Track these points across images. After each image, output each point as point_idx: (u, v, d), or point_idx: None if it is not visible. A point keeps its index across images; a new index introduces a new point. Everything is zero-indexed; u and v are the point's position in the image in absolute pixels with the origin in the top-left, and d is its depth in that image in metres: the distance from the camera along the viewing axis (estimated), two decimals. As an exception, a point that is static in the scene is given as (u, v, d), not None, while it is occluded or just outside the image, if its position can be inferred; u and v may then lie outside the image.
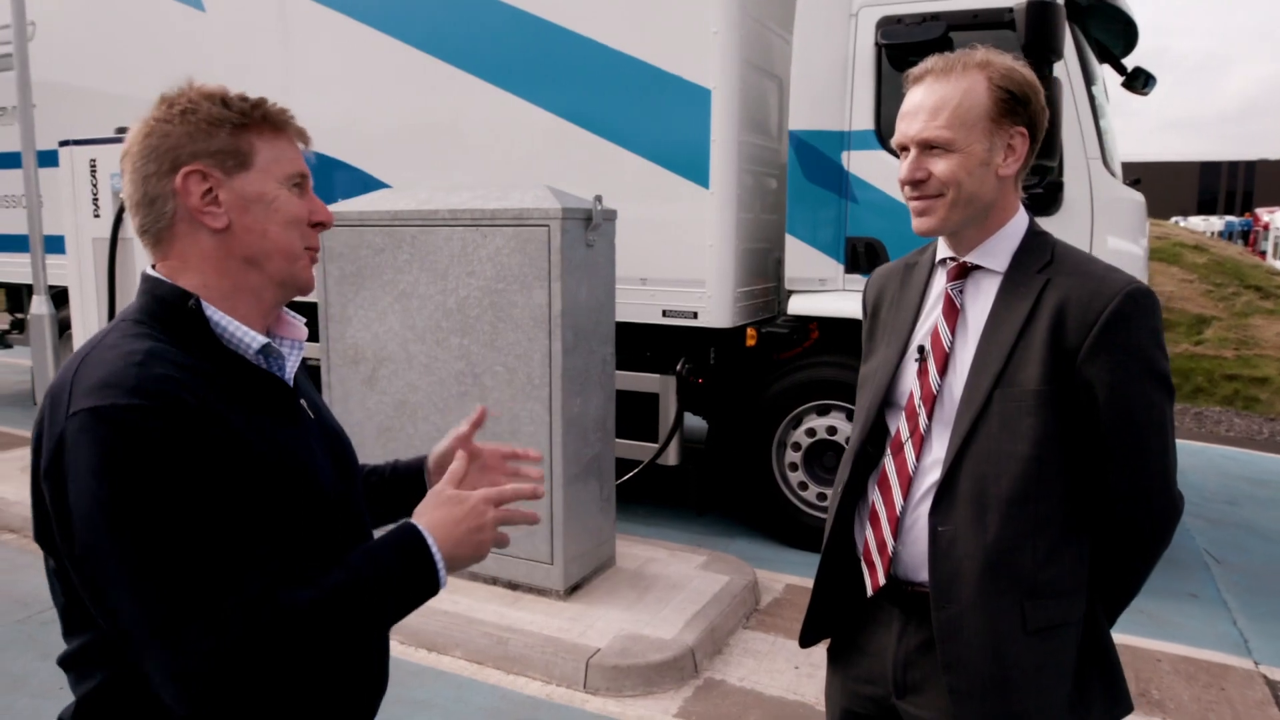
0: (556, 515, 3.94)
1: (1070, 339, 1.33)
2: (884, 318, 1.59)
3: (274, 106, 1.17)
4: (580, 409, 4.01)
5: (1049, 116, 1.47)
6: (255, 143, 1.14)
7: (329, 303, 4.40)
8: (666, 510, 5.61)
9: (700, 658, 3.59)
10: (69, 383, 1.03)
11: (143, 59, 6.37)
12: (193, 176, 1.10)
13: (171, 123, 1.11)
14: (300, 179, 1.18)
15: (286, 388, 1.19)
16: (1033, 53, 3.75)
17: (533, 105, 5.16)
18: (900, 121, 1.41)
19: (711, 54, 4.71)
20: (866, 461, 1.54)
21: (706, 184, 4.81)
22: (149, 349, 1.04)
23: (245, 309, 1.15)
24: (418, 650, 3.71)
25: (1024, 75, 1.39)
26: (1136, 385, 1.33)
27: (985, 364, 1.38)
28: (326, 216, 1.22)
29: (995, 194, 1.41)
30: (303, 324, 1.29)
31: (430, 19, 5.45)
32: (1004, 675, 1.37)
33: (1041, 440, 1.34)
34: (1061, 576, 1.39)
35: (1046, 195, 4.21)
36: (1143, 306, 1.33)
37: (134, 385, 0.98)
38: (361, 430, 4.38)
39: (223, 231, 1.12)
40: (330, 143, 5.92)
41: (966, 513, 1.37)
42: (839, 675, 1.62)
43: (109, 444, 0.96)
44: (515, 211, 3.87)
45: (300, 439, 1.17)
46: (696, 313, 4.93)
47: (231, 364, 1.12)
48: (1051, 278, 1.37)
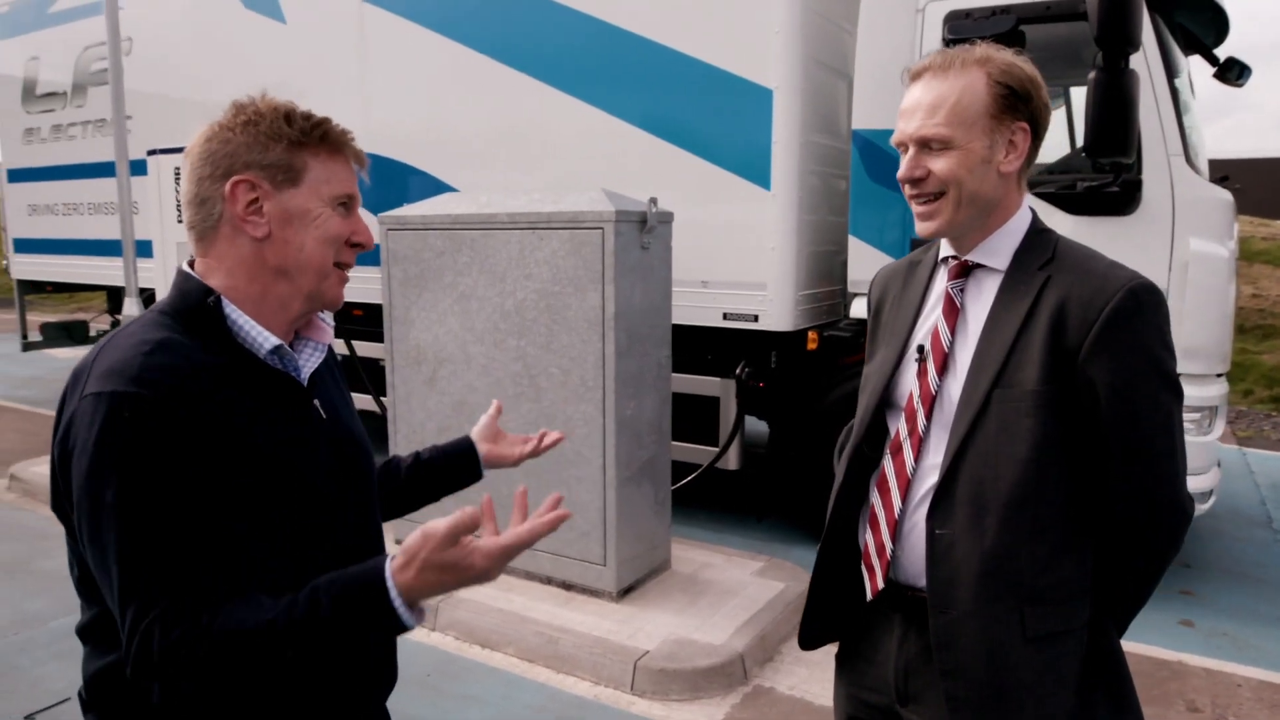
0: (609, 517, 3.94)
1: (1071, 338, 1.29)
2: (885, 318, 1.57)
3: (335, 128, 1.21)
4: (634, 412, 4.01)
5: (1127, 109, 1.43)
6: (309, 161, 1.18)
7: (393, 305, 4.51)
8: (728, 516, 5.56)
9: (750, 665, 3.55)
10: (89, 365, 1.12)
11: (229, 70, 6.66)
12: (241, 185, 1.16)
13: (234, 131, 1.17)
14: (347, 200, 1.22)
15: (299, 387, 1.22)
16: (1107, 44, 3.59)
17: (594, 108, 5.19)
18: (899, 119, 1.40)
19: (773, 53, 4.65)
20: (865, 463, 1.51)
21: (768, 186, 4.75)
22: (160, 340, 1.10)
23: (270, 314, 1.20)
24: (471, 646, 3.77)
25: (1025, 71, 1.36)
26: (1141, 385, 1.29)
27: (984, 364, 1.35)
28: (366, 239, 1.25)
29: (998, 191, 1.38)
30: (330, 327, 1.33)
31: (496, 25, 5.54)
32: (1002, 684, 1.34)
33: (1041, 443, 1.31)
34: (1063, 583, 1.35)
35: (1123, 194, 4.02)
36: (1146, 303, 1.29)
37: (136, 374, 1.05)
38: (422, 429, 4.48)
39: (262, 240, 1.17)
40: (404, 149, 6.08)
41: (964, 516, 1.34)
42: (844, 682, 1.60)
43: (107, 426, 1.04)
44: (570, 214, 3.90)
45: (304, 438, 1.20)
46: (757, 316, 4.87)
47: (245, 361, 1.17)
48: (1052, 275, 1.34)
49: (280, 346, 1.18)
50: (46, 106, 8.60)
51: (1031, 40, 4.17)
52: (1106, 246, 3.69)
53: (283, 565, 1.14)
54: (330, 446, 1.25)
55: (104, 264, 7.92)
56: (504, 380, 4.18)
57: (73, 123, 8.29)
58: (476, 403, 4.27)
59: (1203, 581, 4.59)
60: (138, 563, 1.04)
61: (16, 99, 8.91)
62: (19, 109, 8.90)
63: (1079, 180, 4.18)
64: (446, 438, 4.70)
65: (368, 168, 1.26)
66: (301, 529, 1.16)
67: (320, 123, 1.19)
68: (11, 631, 3.91)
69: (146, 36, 7.35)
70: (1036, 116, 1.37)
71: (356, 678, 1.26)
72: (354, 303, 6.24)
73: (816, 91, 4.84)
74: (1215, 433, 4.23)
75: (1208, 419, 4.16)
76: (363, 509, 1.31)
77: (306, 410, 1.23)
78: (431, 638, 3.83)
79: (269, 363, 1.18)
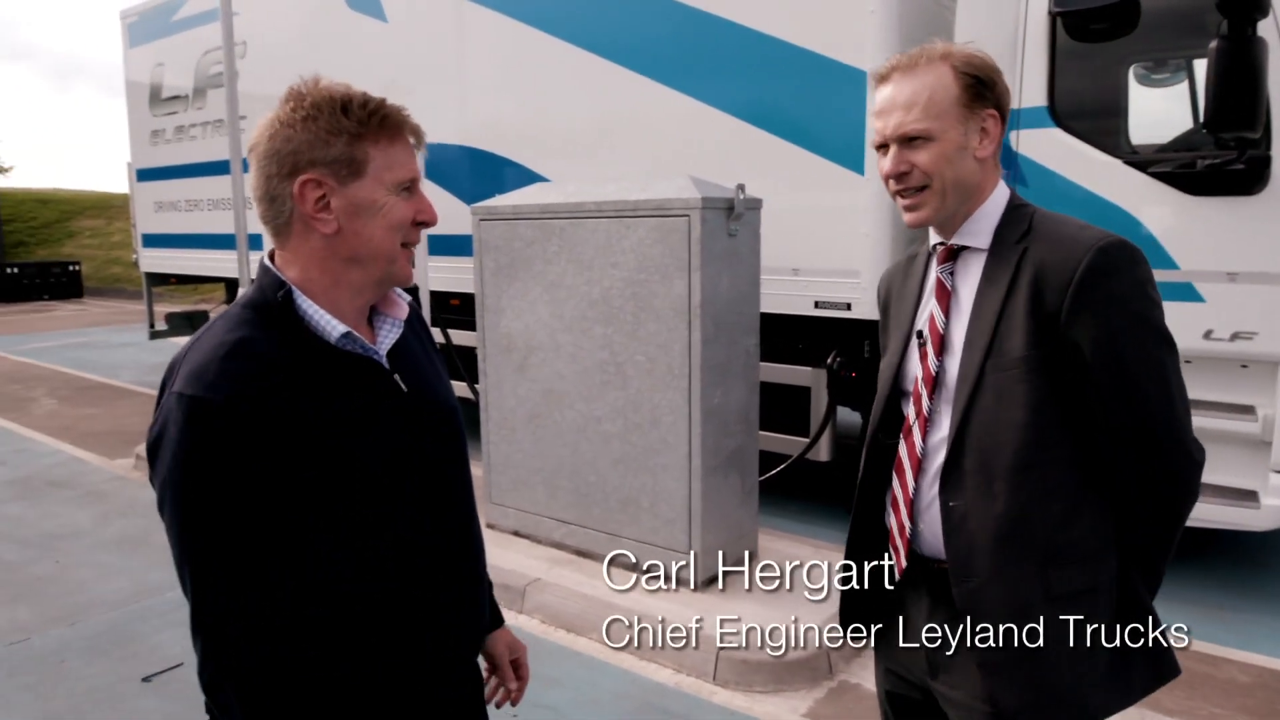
0: (695, 507, 3.93)
1: (1049, 302, 1.35)
2: (892, 311, 1.64)
3: (392, 109, 1.22)
4: (721, 400, 3.98)
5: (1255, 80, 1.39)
6: (370, 151, 1.20)
7: (485, 294, 4.60)
8: (818, 507, 5.46)
9: (835, 659, 3.48)
10: (181, 359, 1.19)
11: (336, 69, 6.81)
12: (309, 184, 1.18)
13: (294, 127, 1.18)
14: (410, 183, 1.24)
15: (376, 366, 1.26)
16: (1231, 10, 3.36)
17: (685, 95, 5.17)
18: (876, 120, 1.46)
19: (868, 34, 4.52)
20: (884, 451, 1.56)
21: (862, 171, 4.63)
22: (239, 340, 1.16)
23: (344, 300, 1.24)
24: (557, 630, 3.82)
25: (984, 60, 1.44)
26: (1125, 337, 1.34)
27: (975, 340, 1.41)
28: (430, 216, 1.27)
29: (976, 176, 1.44)
30: (405, 302, 1.36)
31: (589, 17, 5.57)
32: (1030, 646, 1.36)
33: (1036, 406, 1.35)
34: (1081, 540, 1.39)
35: (1249, 171, 3.73)
36: (1117, 259, 1.33)
37: (213, 380, 1.13)
38: (513, 416, 4.56)
39: (332, 235, 1.20)
40: (499, 142, 6.21)
41: (974, 486, 1.40)
42: (881, 659, 1.65)
43: (184, 429, 1.12)
44: (657, 202, 3.89)
45: (378, 419, 1.24)
46: (850, 304, 4.76)
47: (318, 350, 1.21)
48: (1028, 246, 1.40)
49: (349, 333, 1.21)
50: (170, 109, 9.14)
51: (1147, 9, 3.93)
52: (1230, 228, 3.50)
53: (345, 557, 1.19)
54: (409, 419, 1.28)
55: (222, 257, 8.37)
56: (591, 368, 4.20)
57: (194, 124, 8.79)
58: (564, 390, 4.32)
59: (1337, 590, 4.25)
60: (208, 594, 1.14)
61: (145, 103, 9.51)
62: (147, 112, 9.49)
63: (1199, 158, 3.91)
64: (536, 424, 4.73)
65: (425, 143, 1.27)
66: (362, 520, 1.20)
67: (375, 108, 1.20)
68: (134, 600, 4.18)
69: (260, 40, 7.71)
70: (1001, 102, 1.44)
71: (407, 671, 1.29)
72: (450, 292, 6.41)
73: (914, 72, 4.68)
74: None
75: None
76: (450, 472, 1.35)
77: (386, 386, 1.26)
78: (518, 620, 3.90)
79: (341, 347, 1.22)
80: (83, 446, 7.21)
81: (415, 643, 1.28)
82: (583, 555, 4.34)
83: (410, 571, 1.26)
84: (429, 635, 1.30)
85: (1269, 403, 3.79)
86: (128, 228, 12.78)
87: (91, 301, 21.37)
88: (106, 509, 5.60)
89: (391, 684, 1.25)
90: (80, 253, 24.90)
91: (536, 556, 4.36)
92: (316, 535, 1.16)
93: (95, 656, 3.67)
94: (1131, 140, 4.62)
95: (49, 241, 26.73)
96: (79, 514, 5.52)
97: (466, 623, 1.39)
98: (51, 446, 7.26)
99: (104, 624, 3.96)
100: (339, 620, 1.20)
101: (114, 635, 3.85)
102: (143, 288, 10.23)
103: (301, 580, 1.16)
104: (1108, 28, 4.08)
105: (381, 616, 1.24)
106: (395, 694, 1.25)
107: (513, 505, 4.64)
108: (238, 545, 1.12)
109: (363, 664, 1.22)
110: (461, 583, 1.37)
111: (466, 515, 1.39)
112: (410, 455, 1.27)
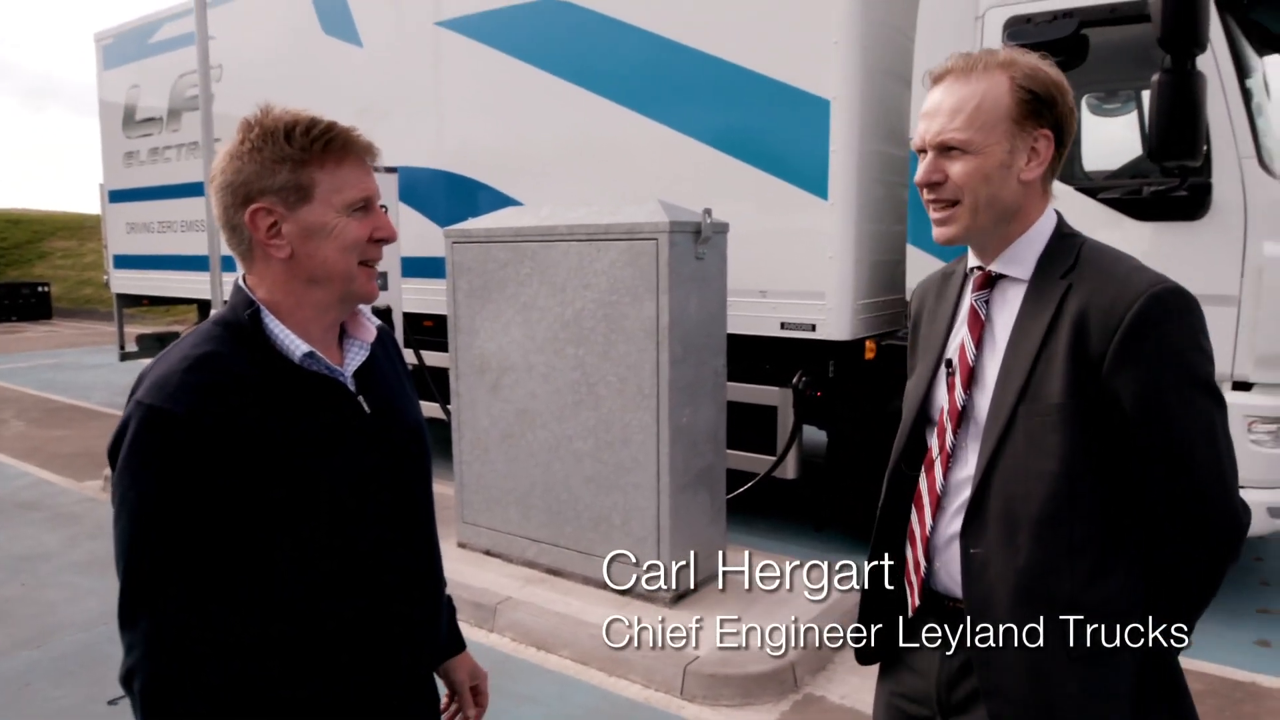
0: (664, 524, 4.00)
1: (1093, 348, 1.25)
2: (923, 331, 1.54)
3: (338, 132, 1.23)
4: (690, 420, 4.06)
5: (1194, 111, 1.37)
6: (316, 175, 1.22)
7: (458, 315, 4.67)
8: (786, 525, 5.55)
9: (802, 672, 3.55)
10: (149, 369, 1.22)
11: (312, 93, 6.97)
12: (259, 213, 1.21)
13: (242, 159, 1.22)
14: (363, 202, 1.26)
15: (341, 387, 1.28)
16: (1171, 46, 3.51)
17: (656, 123, 5.28)
18: (920, 122, 1.38)
19: (831, 64, 4.67)
20: (905, 481, 1.49)
21: (826, 196, 4.76)
22: (204, 354, 1.19)
23: (309, 320, 1.27)
24: (528, 648, 3.86)
25: (1049, 75, 1.33)
26: (1173, 393, 1.24)
27: (1010, 378, 1.32)
28: (388, 233, 1.29)
29: (1018, 199, 1.35)
30: (374, 325, 1.39)
31: (563, 46, 5.68)
32: (1047, 702, 1.31)
33: (1069, 457, 1.27)
34: (1108, 600, 1.30)
35: (1192, 198, 3.90)
36: (1171, 308, 1.24)
37: (173, 391, 1.15)
38: (487, 436, 4.61)
39: (288, 259, 1.24)
40: (475, 167, 6.29)
41: (997, 534, 1.32)
42: (885, 689, 1.58)
43: (140, 437, 1.14)
44: (627, 226, 3.98)
45: (341, 439, 1.26)
46: (815, 325, 4.87)
47: (284, 369, 1.24)
48: (1074, 283, 1.30)
49: (312, 352, 1.24)
50: (145, 131, 9.15)
51: (1096, 44, 4.11)
52: (1176, 252, 3.50)
53: (313, 577, 1.22)
54: (374, 440, 1.29)
55: (194, 278, 8.36)
56: (564, 388, 4.28)
57: (168, 145, 8.81)
58: (537, 410, 4.39)
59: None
60: (140, 585, 1.15)
61: (119, 125, 9.51)
62: (120, 134, 9.50)
63: (1146, 185, 4.08)
64: (509, 444, 4.77)
65: (378, 158, 1.29)
66: (330, 540, 1.23)
67: (320, 134, 1.22)
68: (102, 622, 4.17)
69: (236, 64, 7.76)
70: (1061, 123, 1.34)
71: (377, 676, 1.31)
72: (424, 314, 6.47)
73: (877, 100, 4.83)
74: (1296, 445, 4.05)
75: (1288, 431, 3.99)
76: (415, 495, 1.37)
77: (349, 407, 1.28)
78: (490, 638, 3.94)
79: (305, 367, 1.24)
80: (51, 469, 7.15)
81: (391, 659, 1.30)
82: (555, 574, 4.39)
83: (381, 589, 1.29)
84: (404, 651, 1.33)
85: (1216, 420, 3.92)
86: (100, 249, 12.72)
87: (63, 323, 21.12)
88: (75, 531, 5.57)
89: (364, 700, 1.28)
90: (52, 274, 24.62)
91: (509, 575, 4.41)
92: (284, 554, 1.19)
93: (63, 678, 3.66)
94: (1085, 168, 4.80)
95: (20, 262, 26.41)
96: (48, 536, 5.49)
97: (433, 639, 1.43)
98: (20, 469, 7.20)
99: (72, 646, 3.95)
100: (309, 638, 1.22)
101: (82, 657, 3.84)
102: (114, 309, 10.18)
103: (268, 598, 1.18)
104: (1060, 60, 4.24)
105: (355, 634, 1.26)
106: (367, 710, 1.28)
107: (485, 525, 4.69)
108: (192, 557, 1.14)
109: (335, 681, 1.24)
110: (431, 599, 1.41)
111: (432, 533, 1.43)
112: (377, 475, 1.29)
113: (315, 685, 1.23)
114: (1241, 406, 3.91)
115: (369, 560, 1.27)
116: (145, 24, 9.15)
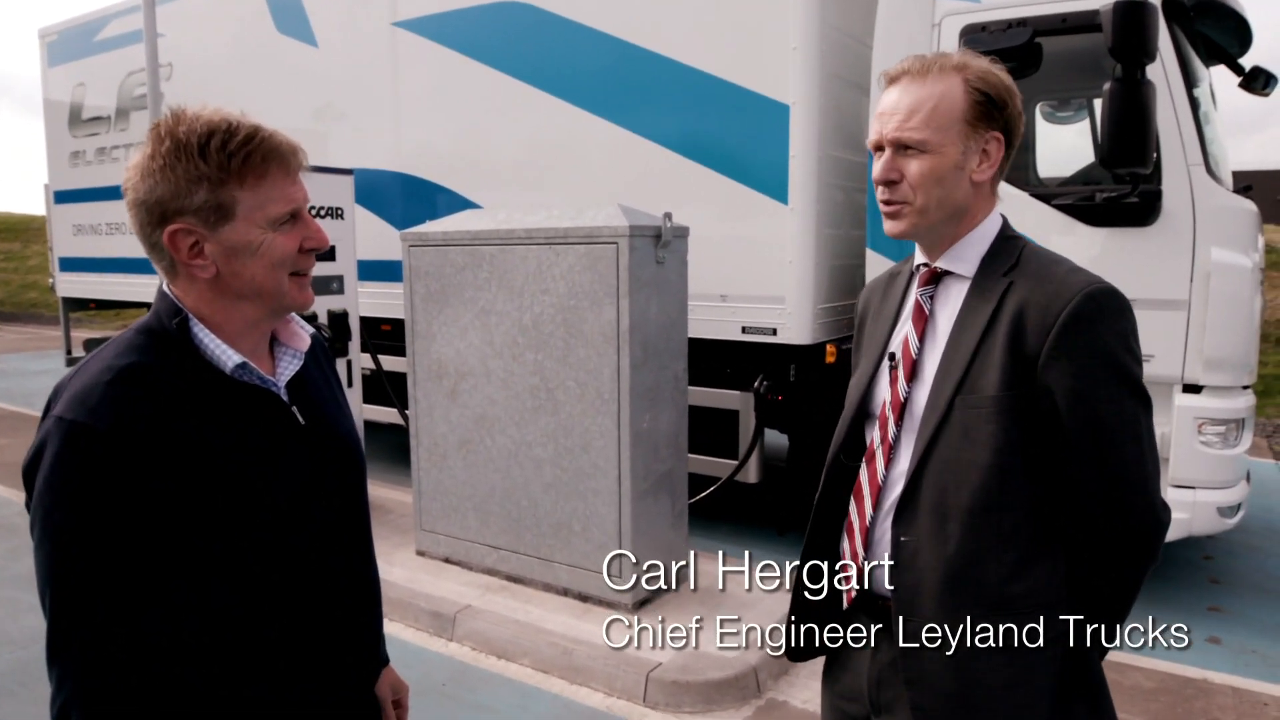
0: (625, 530, 3.97)
1: (1029, 344, 1.28)
2: (868, 329, 1.57)
3: (257, 143, 1.15)
4: (650, 424, 4.04)
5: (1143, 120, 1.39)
6: (236, 193, 1.14)
7: (415, 320, 4.59)
8: (749, 529, 5.55)
9: (764, 678, 3.54)
10: (67, 382, 1.14)
11: (266, 93, 6.86)
12: (179, 234, 1.14)
13: (154, 176, 1.13)
14: (291, 215, 1.19)
15: (273, 397, 1.24)
16: (1122, 56, 3.58)
17: (617, 126, 5.27)
18: (875, 121, 1.40)
19: (790, 70, 4.69)
20: (844, 473, 1.51)
21: (786, 200, 4.78)
22: (126, 366, 1.12)
23: (240, 332, 1.21)
24: (487, 657, 3.81)
25: (1000, 78, 1.36)
26: (1102, 390, 1.28)
27: (948, 371, 1.35)
28: (319, 242, 1.22)
29: (968, 199, 1.38)
30: (307, 334, 1.33)
31: (523, 48, 5.64)
32: (967, 693, 1.32)
33: (1002, 449, 1.29)
34: (1033, 591, 1.32)
35: (1142, 205, 3.98)
36: (1105, 307, 1.27)
37: (95, 405, 1.08)
38: (444, 442, 4.54)
39: (213, 278, 1.17)
40: (433, 169, 6.21)
41: (928, 523, 1.34)
42: (826, 691, 1.59)
43: (61, 456, 1.07)
44: (586, 230, 3.95)
45: (275, 449, 1.21)
46: (776, 329, 4.89)
47: (213, 379, 1.18)
48: (1014, 281, 1.33)
49: (245, 363, 1.19)
50: (91, 130, 8.91)
51: (1049, 52, 4.17)
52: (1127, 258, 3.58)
53: (253, 587, 1.17)
54: (307, 451, 1.26)
55: (143, 281, 8.16)
56: (522, 393, 4.23)
57: (116, 145, 8.58)
58: (496, 415, 4.33)
59: (1232, 597, 4.49)
60: (68, 616, 1.08)
61: (64, 124, 9.25)
62: (66, 133, 9.23)
63: (1098, 192, 4.15)
64: (468, 450, 4.70)
65: (306, 159, 1.21)
66: (268, 550, 1.18)
67: (237, 148, 1.13)
68: (43, 638, 4.02)
69: (185, 62, 7.59)
70: (1010, 126, 1.37)
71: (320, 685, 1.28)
72: (381, 318, 6.37)
73: (836, 106, 4.86)
74: (1243, 445, 4.14)
75: (1234, 431, 4.08)
76: (345, 509, 1.33)
77: (283, 419, 1.24)
78: (449, 648, 3.88)
79: (237, 377, 1.19)
80: (-8, 479, 6.91)
81: (336, 666, 1.28)
82: (515, 581, 4.33)
83: (320, 598, 1.25)
84: (348, 657, 1.31)
85: (1165, 421, 4.01)
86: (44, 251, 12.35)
87: (5, 327, 20.48)
88: (15, 544, 5.37)
89: (310, 707, 1.25)
90: (-7, 277, 23.88)
91: (468, 583, 4.34)
92: (221, 563, 1.14)
93: (2, 697, 3.53)
94: (1039, 174, 4.87)
95: (-41, 265, 25.58)
96: (-13, 549, 5.29)
97: (376, 646, 1.41)
98: (-42, 479, 6.95)
99: (11, 663, 3.81)
100: (249, 645, 1.18)
101: (21, 675, 3.70)
102: (60, 313, 9.89)
103: (205, 605, 1.13)
104: (1013, 68, 4.30)
105: (296, 642, 1.23)
106: (314, 716, 1.26)
107: (444, 532, 4.62)
108: (122, 579, 1.08)
109: (279, 687, 1.21)
110: (370, 607, 1.39)
111: (368, 542, 1.40)
112: (314, 486, 1.26)
113: (259, 689, 1.19)
114: (1191, 409, 4.00)
115: (308, 569, 1.24)
116: (92, 20, 8.91)
